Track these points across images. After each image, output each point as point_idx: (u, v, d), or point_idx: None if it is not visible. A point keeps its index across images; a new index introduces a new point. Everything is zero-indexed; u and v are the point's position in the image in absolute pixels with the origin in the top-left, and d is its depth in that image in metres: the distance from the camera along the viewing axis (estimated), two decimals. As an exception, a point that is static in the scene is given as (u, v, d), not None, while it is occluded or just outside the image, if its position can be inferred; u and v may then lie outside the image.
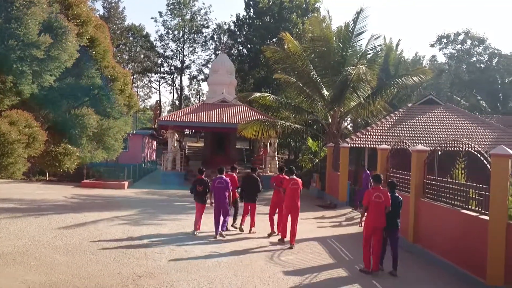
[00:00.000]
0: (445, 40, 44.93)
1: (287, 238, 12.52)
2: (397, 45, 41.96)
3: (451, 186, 10.92)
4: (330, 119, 23.67)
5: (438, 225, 11.15)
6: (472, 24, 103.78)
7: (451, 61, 46.02)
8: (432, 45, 46.35)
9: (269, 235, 13.34)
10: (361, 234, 10.88)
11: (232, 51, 51.54)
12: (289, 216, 12.43)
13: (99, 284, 8.33)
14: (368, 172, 17.88)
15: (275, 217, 13.58)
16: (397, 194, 10.32)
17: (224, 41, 56.69)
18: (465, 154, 11.22)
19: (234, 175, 14.55)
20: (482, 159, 9.63)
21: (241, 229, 13.85)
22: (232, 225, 14.29)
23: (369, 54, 24.18)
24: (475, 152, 10.03)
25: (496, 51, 44.13)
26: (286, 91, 28.86)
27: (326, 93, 23.05)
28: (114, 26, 53.04)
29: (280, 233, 12.97)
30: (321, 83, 23.22)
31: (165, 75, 61.81)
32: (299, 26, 41.28)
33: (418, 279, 9.83)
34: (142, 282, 8.56)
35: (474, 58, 44.56)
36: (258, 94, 24.94)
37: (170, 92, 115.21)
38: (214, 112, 30.25)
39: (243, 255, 11.16)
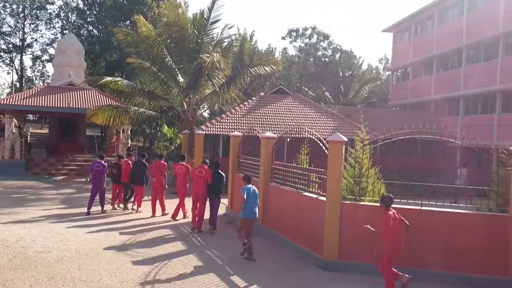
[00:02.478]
0: (294, 34, 47.85)
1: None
2: (251, 36, 43.57)
3: (295, 170, 11.68)
4: (185, 106, 23.56)
5: (285, 207, 11.86)
6: (318, 20, 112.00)
7: (300, 54, 49.14)
8: (283, 38, 48.99)
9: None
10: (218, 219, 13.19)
11: (82, 31, 48.11)
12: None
13: None
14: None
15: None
16: (219, 171, 12.82)
17: (72, 20, 52.53)
18: (308, 141, 12.05)
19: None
20: (321, 145, 10.44)
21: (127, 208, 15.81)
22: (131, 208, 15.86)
23: (224, 42, 24.53)
24: (316, 139, 10.83)
25: (338, 47, 48.30)
26: (141, 76, 27.89)
27: (181, 79, 22.84)
28: None
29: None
30: (177, 70, 22.94)
31: (1, 53, 55.29)
32: (154, 10, 40.12)
33: (264, 259, 10.33)
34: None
35: (320, 52, 48.21)
36: (109, 78, 23.66)
37: (9, 73, 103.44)
38: (60, 96, 28.03)
39: (90, 247, 10.58)
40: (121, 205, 16.12)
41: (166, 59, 22.68)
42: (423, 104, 38.58)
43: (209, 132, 24.02)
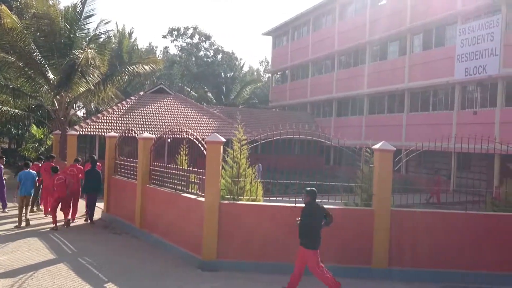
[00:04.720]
0: (176, 33, 47.28)
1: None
2: (130, 33, 42.15)
3: (174, 171, 11.48)
4: (57, 105, 21.96)
5: (164, 209, 11.58)
6: (199, 20, 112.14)
7: (182, 53, 48.70)
8: (164, 37, 48.14)
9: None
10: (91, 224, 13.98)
11: None
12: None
13: None
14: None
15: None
16: (97, 169, 14.12)
17: None
18: (188, 141, 11.91)
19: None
20: (200, 145, 10.38)
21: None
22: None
23: (100, 38, 23.40)
24: (194, 140, 10.74)
25: (220, 48, 48.79)
26: (4, 71, 25.39)
27: (52, 76, 21.23)
28: None
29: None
30: (46, 66, 21.28)
31: None
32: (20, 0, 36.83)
33: (142, 263, 9.98)
34: None
35: (202, 53, 48.25)
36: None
37: None
38: None
39: None
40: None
41: (34, 54, 20.94)
42: (301, 105, 40.59)
43: (83, 133, 22.69)
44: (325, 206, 8.49)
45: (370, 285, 9.26)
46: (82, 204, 14.89)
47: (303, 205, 8.52)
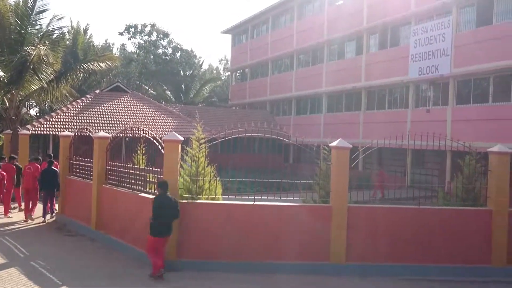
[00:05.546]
0: (133, 30, 46.40)
1: None
2: (85, 29, 41.01)
3: (131, 171, 11.25)
4: (7, 103, 21.08)
5: (121, 210, 11.33)
6: (157, 17, 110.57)
7: (139, 51, 47.88)
8: (121, 34, 47.16)
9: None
10: (45, 226, 13.64)
11: None
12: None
13: None
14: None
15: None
16: (53, 167, 13.95)
17: None
18: (145, 140, 11.71)
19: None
20: (157, 144, 10.23)
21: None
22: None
23: (53, 35, 22.58)
24: (152, 138, 10.57)
25: (178, 46, 48.26)
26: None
27: (1, 73, 20.33)
28: None
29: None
30: (-5, 62, 20.38)
31: None
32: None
33: (98, 266, 9.74)
34: None
35: (160, 50, 47.60)
36: None
37: None
38: None
39: None
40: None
41: (-18, 50, 20.01)
42: (261, 104, 40.76)
43: (36, 132, 21.92)
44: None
45: (328, 281, 9.39)
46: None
47: (261, 203, 8.56)
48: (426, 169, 25.64)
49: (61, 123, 22.91)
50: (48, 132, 22.48)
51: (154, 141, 10.42)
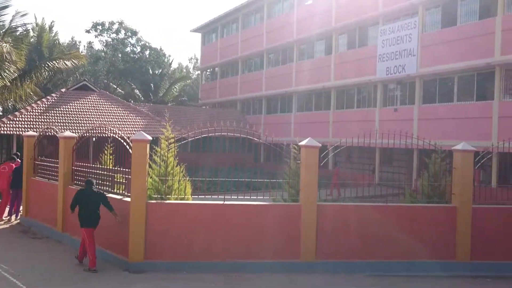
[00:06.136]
0: (100, 28, 45.43)
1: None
2: (51, 26, 39.98)
3: (98, 171, 11.03)
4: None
5: (87, 211, 11.06)
6: (125, 15, 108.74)
7: (107, 49, 46.98)
8: (87, 31, 46.08)
9: None
10: (8, 229, 13.28)
11: None
12: None
13: None
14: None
15: None
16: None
17: None
18: (113, 140, 11.49)
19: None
20: (125, 144, 10.06)
21: None
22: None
23: (16, 31, 21.91)
24: (119, 138, 10.39)
25: (147, 44, 47.54)
26: None
27: (-39, 71, 19.63)
28: None
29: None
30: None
31: None
32: None
33: (66, 268, 9.51)
34: None
35: (128, 49, 46.77)
36: None
37: None
38: None
39: None
40: None
41: None
42: (231, 103, 40.67)
43: (-1, 132, 21.27)
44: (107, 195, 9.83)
45: (298, 278, 9.43)
46: None
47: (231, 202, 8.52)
48: (394, 167, 26.08)
49: (25, 123, 22.29)
50: (11, 132, 21.84)
51: (122, 140, 10.24)
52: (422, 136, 11.38)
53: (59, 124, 22.22)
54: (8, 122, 22.03)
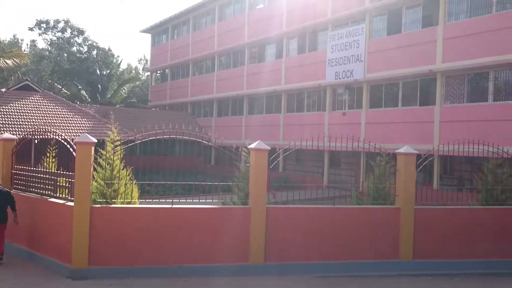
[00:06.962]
0: (45, 26, 43.76)
1: None
2: (-9, 23, 38.09)
3: (40, 175, 10.59)
4: None
5: (29, 216, 10.50)
6: (72, 13, 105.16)
7: (52, 48, 45.34)
8: (31, 29, 44.26)
9: None
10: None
11: None
12: None
13: None
14: None
15: None
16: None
17: None
18: (56, 142, 11.05)
19: None
20: (69, 147, 9.70)
21: None
22: None
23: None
24: (62, 141, 10.01)
25: (95, 44, 46.32)
26: None
27: None
28: None
29: None
30: None
31: None
32: None
33: (5, 278, 9.01)
34: None
35: (75, 48, 45.37)
36: None
37: None
38: None
39: None
40: None
41: None
42: (181, 105, 40.27)
43: None
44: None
45: (248, 281, 9.41)
46: None
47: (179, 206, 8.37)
48: (342, 170, 26.68)
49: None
50: None
51: (65, 143, 9.87)
52: (369, 140, 11.68)
53: (-1, 125, 21.16)
54: None
